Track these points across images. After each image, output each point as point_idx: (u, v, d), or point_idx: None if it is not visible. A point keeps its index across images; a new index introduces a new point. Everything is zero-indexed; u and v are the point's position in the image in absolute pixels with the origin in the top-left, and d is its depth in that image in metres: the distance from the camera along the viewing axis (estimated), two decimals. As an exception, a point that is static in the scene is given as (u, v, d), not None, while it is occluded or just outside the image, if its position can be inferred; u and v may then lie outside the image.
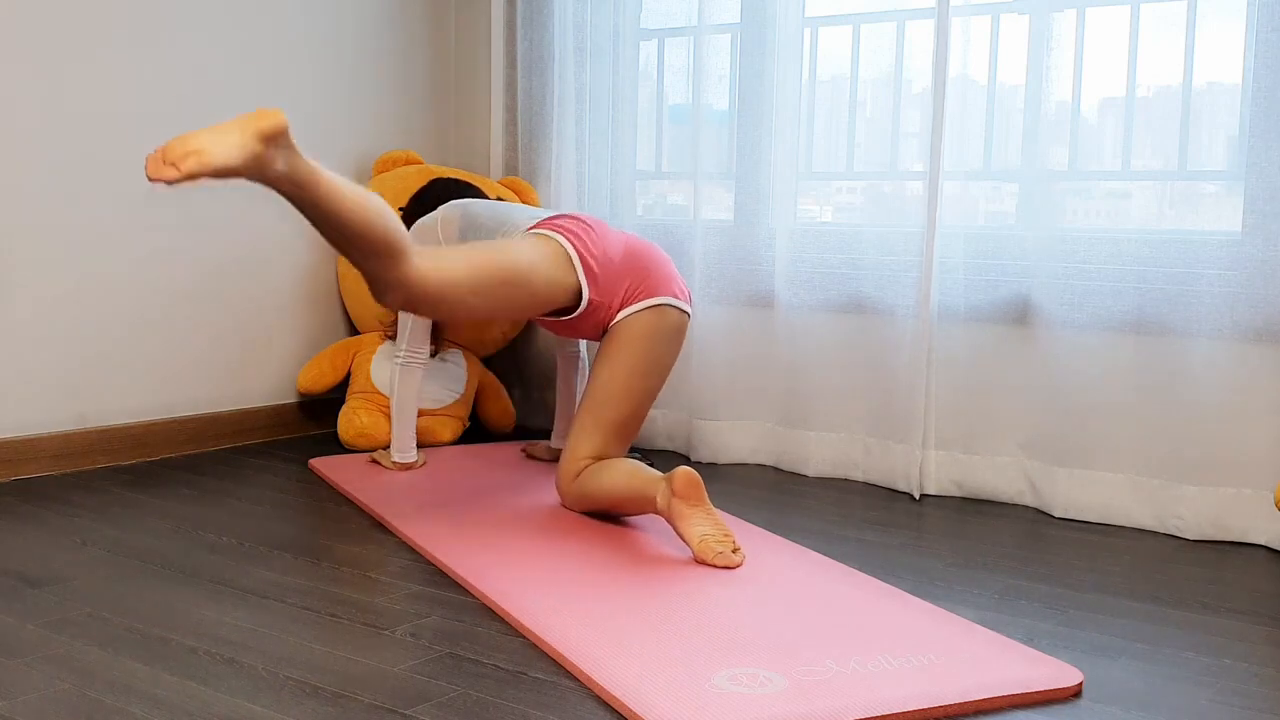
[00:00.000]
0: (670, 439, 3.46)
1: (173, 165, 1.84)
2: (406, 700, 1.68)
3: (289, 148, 1.98)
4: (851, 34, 3.15)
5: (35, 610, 2.02)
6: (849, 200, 3.29)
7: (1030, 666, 1.80)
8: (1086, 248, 2.77)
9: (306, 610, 2.05)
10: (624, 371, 2.61)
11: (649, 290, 2.64)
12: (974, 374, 2.95)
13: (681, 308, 2.68)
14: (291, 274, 3.53)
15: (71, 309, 3.02)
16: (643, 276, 2.64)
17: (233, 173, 1.90)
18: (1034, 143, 2.82)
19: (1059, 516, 2.80)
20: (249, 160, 1.91)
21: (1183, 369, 2.67)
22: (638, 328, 2.62)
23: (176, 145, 1.85)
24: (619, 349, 2.62)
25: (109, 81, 3.04)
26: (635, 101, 3.47)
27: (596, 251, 2.60)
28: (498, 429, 3.58)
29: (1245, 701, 1.74)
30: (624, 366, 2.61)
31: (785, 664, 1.79)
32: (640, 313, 2.62)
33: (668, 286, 2.67)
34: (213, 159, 1.85)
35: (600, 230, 2.66)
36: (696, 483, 2.30)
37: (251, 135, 1.90)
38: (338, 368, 3.45)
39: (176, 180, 1.85)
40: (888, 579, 2.27)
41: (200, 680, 1.74)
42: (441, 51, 3.89)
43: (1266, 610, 2.15)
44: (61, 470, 3.00)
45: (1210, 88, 2.69)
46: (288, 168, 1.99)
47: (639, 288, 2.63)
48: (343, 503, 2.79)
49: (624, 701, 1.66)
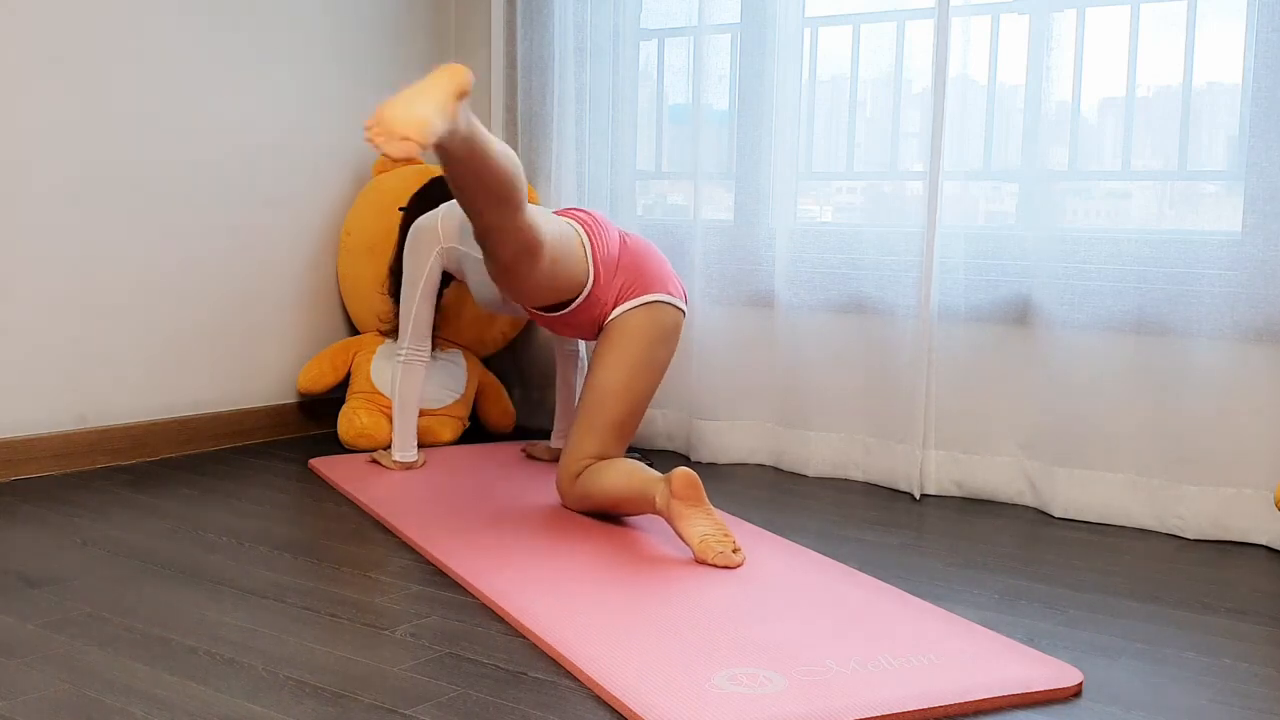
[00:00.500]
0: (670, 439, 3.46)
1: (405, 139, 1.86)
2: (406, 700, 1.68)
3: (466, 104, 2.02)
4: (851, 34, 3.15)
5: (35, 610, 2.02)
6: (849, 200, 3.29)
7: (1030, 666, 1.80)
8: (1087, 248, 2.77)
9: (306, 610, 2.04)
10: (621, 370, 2.61)
11: (643, 287, 2.64)
12: (974, 374, 2.96)
13: (676, 305, 2.68)
14: (291, 274, 3.53)
15: (71, 309, 3.02)
16: (637, 274, 2.65)
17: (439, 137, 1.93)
18: (1034, 143, 2.82)
19: (1059, 516, 2.80)
20: (451, 122, 1.95)
21: (1183, 369, 2.67)
22: (632, 326, 2.62)
23: (400, 116, 1.87)
24: (615, 348, 2.62)
25: (108, 81, 3.04)
26: (635, 101, 3.47)
27: (602, 248, 2.62)
28: (498, 429, 3.58)
29: (1245, 701, 1.74)
30: (621, 365, 2.61)
31: (785, 664, 1.79)
32: (634, 310, 2.63)
33: (662, 284, 2.67)
34: (435, 127, 1.89)
35: (606, 228, 2.68)
36: (695, 483, 2.30)
37: (453, 94, 1.93)
38: (338, 368, 3.45)
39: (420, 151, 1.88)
40: (888, 579, 2.27)
41: (200, 680, 1.74)
42: (441, 52, 3.89)
43: (1266, 610, 2.15)
44: (61, 470, 3.00)
45: (1210, 88, 2.69)
46: (466, 125, 2.02)
47: (633, 285, 2.64)
48: (343, 503, 2.79)
49: (624, 701, 1.66)
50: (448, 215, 2.95)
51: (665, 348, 2.67)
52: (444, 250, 2.95)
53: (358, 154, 3.66)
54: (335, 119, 3.60)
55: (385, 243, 3.38)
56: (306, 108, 3.50)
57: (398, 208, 3.30)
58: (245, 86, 3.34)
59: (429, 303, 3.00)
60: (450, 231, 2.93)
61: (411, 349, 3.00)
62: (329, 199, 3.62)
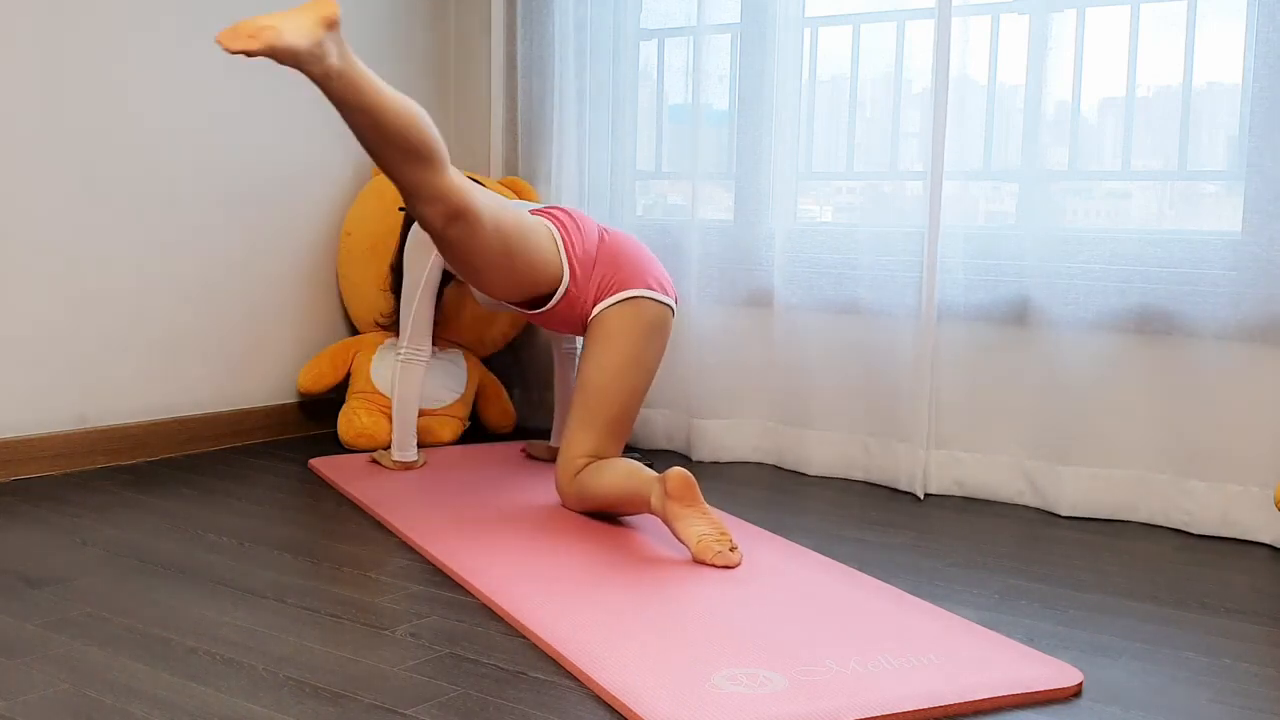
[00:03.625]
0: (670, 439, 3.45)
1: (250, 37, 1.93)
2: (406, 700, 1.68)
3: (341, 41, 2.08)
4: (851, 34, 3.15)
5: (35, 610, 2.02)
6: (849, 200, 3.29)
7: (1030, 666, 1.80)
8: (1087, 247, 2.78)
9: (306, 610, 2.05)
10: (609, 369, 2.61)
11: (621, 283, 2.64)
12: (974, 373, 2.96)
13: (659, 299, 2.68)
14: (291, 274, 3.53)
15: (71, 309, 3.01)
16: (615, 268, 2.65)
17: (295, 55, 2.00)
18: (1034, 143, 2.82)
19: (1059, 516, 2.80)
20: (313, 45, 2.01)
21: (1182, 369, 2.67)
22: (616, 323, 2.62)
23: (249, 22, 1.94)
24: (601, 346, 2.62)
25: (108, 82, 3.04)
26: (635, 101, 3.47)
27: (578, 245, 2.63)
28: (498, 429, 3.58)
29: (1245, 701, 1.74)
30: (608, 364, 2.61)
31: (785, 664, 1.79)
32: (616, 306, 2.63)
33: (641, 279, 2.66)
34: (284, 36, 1.96)
35: (584, 225, 2.69)
36: (690, 483, 2.30)
37: (317, 21, 2.01)
38: (338, 368, 3.45)
39: (255, 52, 1.94)
40: (888, 579, 2.26)
41: (200, 680, 1.74)
42: (442, 52, 3.89)
43: (1267, 610, 2.15)
44: (61, 470, 3.00)
45: (1210, 88, 2.69)
46: (340, 60, 2.09)
47: (612, 280, 2.64)
48: (343, 503, 2.79)
49: (624, 701, 1.66)
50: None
51: (652, 343, 2.67)
52: (444, 250, 2.96)
53: (358, 154, 3.65)
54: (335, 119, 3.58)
55: (386, 243, 3.38)
56: (306, 108, 3.50)
57: (398, 208, 3.30)
58: (245, 86, 3.34)
59: (429, 302, 3.01)
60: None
61: (411, 349, 3.00)
62: (329, 199, 3.62)
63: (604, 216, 3.50)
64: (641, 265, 2.69)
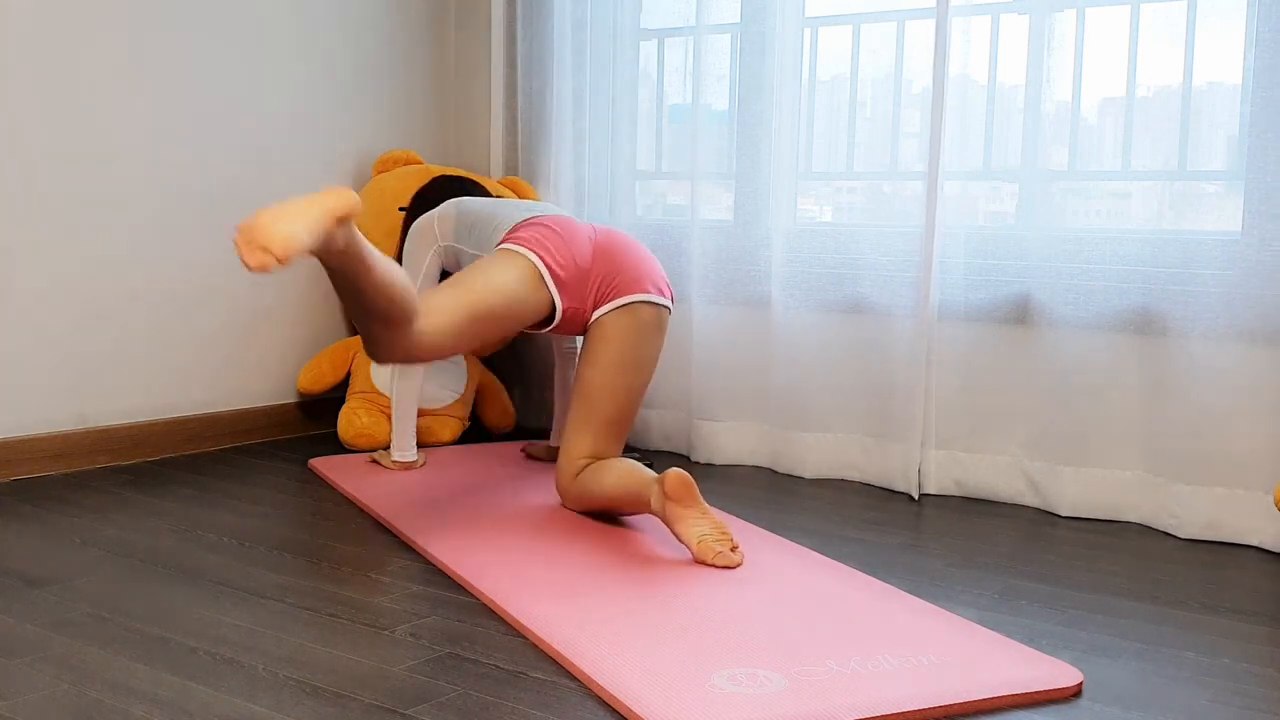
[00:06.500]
0: (669, 439, 3.45)
1: (265, 251, 1.84)
2: (406, 700, 1.68)
3: (350, 228, 1.99)
4: (851, 34, 3.15)
5: (35, 610, 2.02)
6: (849, 200, 3.29)
7: (1030, 666, 1.80)
8: (1086, 248, 2.78)
9: (306, 610, 2.05)
10: (607, 371, 2.61)
11: (618, 289, 2.63)
12: (973, 374, 2.96)
13: (655, 302, 2.67)
14: (291, 274, 3.53)
15: (71, 310, 3.02)
16: (612, 275, 2.64)
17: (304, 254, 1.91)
18: (1034, 143, 2.82)
19: (1059, 515, 2.80)
20: (324, 241, 1.93)
21: (1182, 369, 2.67)
22: (613, 328, 2.62)
23: (266, 227, 1.85)
24: (599, 349, 2.62)
25: (108, 83, 3.04)
26: (635, 101, 3.47)
27: (564, 260, 2.59)
28: (498, 429, 3.58)
29: (1245, 701, 1.74)
30: (606, 366, 2.61)
31: (785, 664, 1.79)
32: (613, 313, 2.63)
33: (639, 284, 2.65)
34: (302, 243, 1.86)
35: (568, 234, 2.64)
36: (688, 484, 2.30)
37: (327, 216, 1.91)
38: (338, 368, 3.45)
39: (278, 268, 1.87)
40: (887, 579, 2.27)
41: (200, 680, 1.74)
42: (441, 51, 3.89)
43: (1266, 610, 2.15)
44: (61, 470, 3.00)
45: (1210, 88, 2.69)
46: (345, 245, 2.00)
47: (609, 287, 2.63)
48: (343, 503, 2.79)
49: (624, 701, 1.66)
50: (444, 215, 2.95)
51: (650, 345, 2.66)
52: (441, 249, 2.95)
53: (358, 154, 3.66)
54: (335, 120, 3.60)
55: (385, 242, 3.38)
56: (306, 108, 3.50)
57: (398, 208, 3.31)
58: (245, 87, 3.34)
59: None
60: (447, 230, 2.93)
61: (411, 349, 3.00)
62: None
63: (604, 216, 3.50)
64: (638, 268, 2.67)
